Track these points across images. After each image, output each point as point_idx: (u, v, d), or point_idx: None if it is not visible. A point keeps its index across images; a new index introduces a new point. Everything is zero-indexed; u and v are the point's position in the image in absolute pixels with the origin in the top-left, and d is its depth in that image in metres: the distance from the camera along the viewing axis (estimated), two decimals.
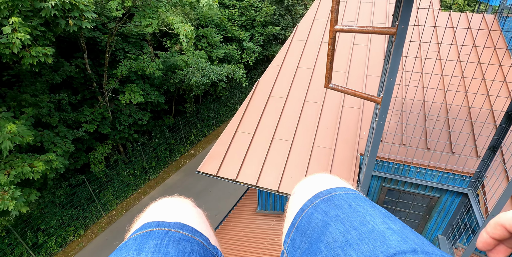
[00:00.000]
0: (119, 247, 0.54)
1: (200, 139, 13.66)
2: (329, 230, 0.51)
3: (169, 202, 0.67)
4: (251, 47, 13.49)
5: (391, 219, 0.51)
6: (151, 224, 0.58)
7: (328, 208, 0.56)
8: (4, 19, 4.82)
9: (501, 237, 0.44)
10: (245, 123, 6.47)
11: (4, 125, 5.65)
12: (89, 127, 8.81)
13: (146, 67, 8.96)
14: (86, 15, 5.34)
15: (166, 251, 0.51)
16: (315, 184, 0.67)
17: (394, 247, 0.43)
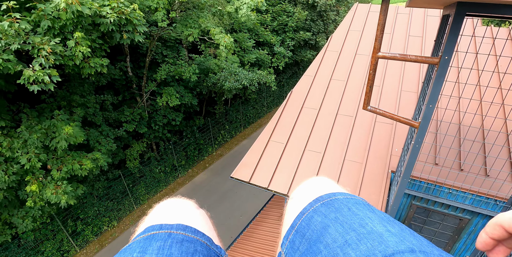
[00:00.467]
0: (123, 250, 0.55)
1: (227, 140, 14.09)
2: (328, 232, 0.52)
3: (171, 204, 0.68)
4: (282, 52, 13.71)
5: (389, 222, 0.52)
6: (154, 227, 0.59)
7: (328, 211, 0.58)
8: (69, 33, 5.36)
9: (500, 237, 0.44)
10: (278, 132, 6.72)
11: (61, 126, 6.26)
12: (129, 127, 9.42)
13: (183, 72, 9.43)
14: (139, 29, 5.79)
15: (169, 253, 0.52)
16: (315, 188, 0.68)
17: (392, 247, 0.44)
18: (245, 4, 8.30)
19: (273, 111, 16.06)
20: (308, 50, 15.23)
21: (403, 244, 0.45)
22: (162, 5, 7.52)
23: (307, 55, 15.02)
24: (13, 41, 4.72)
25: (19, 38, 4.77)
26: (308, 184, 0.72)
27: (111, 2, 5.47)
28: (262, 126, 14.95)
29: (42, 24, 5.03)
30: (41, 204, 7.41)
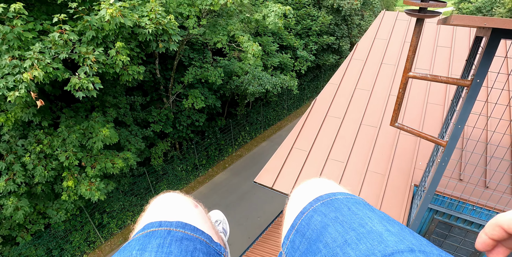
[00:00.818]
0: (123, 247, 0.55)
1: (247, 141, 14.36)
2: (328, 231, 0.52)
3: (170, 200, 0.68)
4: (305, 56, 13.80)
5: (389, 222, 0.52)
6: (153, 224, 0.58)
7: (328, 210, 0.58)
8: (110, 42, 5.73)
9: (499, 238, 0.44)
10: (301, 140, 6.88)
11: (98, 128, 6.68)
12: (156, 127, 9.84)
13: (209, 76, 9.74)
14: (173, 38, 6.09)
15: (169, 251, 0.51)
16: (315, 188, 0.68)
17: (391, 246, 0.44)
18: (272, 12, 8.48)
19: (293, 113, 16.20)
20: (330, 54, 15.24)
21: (402, 243, 0.45)
22: (194, 12, 7.83)
23: (329, 59, 15.04)
24: (62, 51, 5.12)
25: (67, 47, 5.16)
26: (308, 184, 0.72)
27: (149, 14, 5.80)
28: (281, 128, 15.13)
29: (87, 34, 5.41)
30: (74, 198, 7.93)
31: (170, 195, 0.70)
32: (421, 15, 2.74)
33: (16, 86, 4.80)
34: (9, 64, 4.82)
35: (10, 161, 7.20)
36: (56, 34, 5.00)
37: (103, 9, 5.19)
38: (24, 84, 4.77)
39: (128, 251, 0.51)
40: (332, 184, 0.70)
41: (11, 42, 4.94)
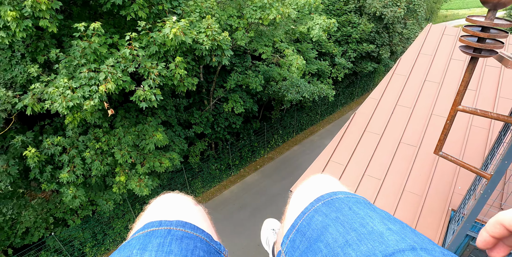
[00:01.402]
0: (122, 246, 0.55)
1: (279, 144, 14.72)
2: (329, 231, 0.52)
3: (170, 200, 0.68)
4: (343, 63, 13.83)
5: (390, 220, 0.52)
6: (154, 224, 0.59)
7: (329, 210, 0.57)
8: (170, 56, 6.28)
9: (500, 235, 0.44)
10: (339, 153, 7.10)
11: (151, 131, 7.33)
12: (198, 129, 10.46)
13: (250, 82, 10.16)
14: (226, 53, 6.54)
15: (169, 250, 0.52)
16: (316, 187, 0.68)
17: (392, 246, 0.44)
18: (317, 25, 8.69)
19: (326, 119, 16.30)
20: (369, 62, 15.10)
21: (404, 242, 0.45)
22: (242, 24, 8.24)
23: (367, 67, 14.92)
24: (130, 65, 5.72)
25: (134, 62, 5.77)
26: (310, 183, 0.72)
27: (206, 30, 6.27)
28: (313, 133, 15.31)
29: (151, 49, 5.99)
30: (123, 191, 8.74)
31: (170, 195, 0.70)
32: (477, 54, 2.81)
33: (91, 95, 5.47)
34: (86, 76, 5.49)
35: (73, 155, 8.08)
36: (127, 50, 5.61)
37: (167, 27, 5.72)
38: (98, 94, 5.42)
39: (128, 250, 0.52)
40: (333, 182, 0.69)
41: (89, 56, 5.62)
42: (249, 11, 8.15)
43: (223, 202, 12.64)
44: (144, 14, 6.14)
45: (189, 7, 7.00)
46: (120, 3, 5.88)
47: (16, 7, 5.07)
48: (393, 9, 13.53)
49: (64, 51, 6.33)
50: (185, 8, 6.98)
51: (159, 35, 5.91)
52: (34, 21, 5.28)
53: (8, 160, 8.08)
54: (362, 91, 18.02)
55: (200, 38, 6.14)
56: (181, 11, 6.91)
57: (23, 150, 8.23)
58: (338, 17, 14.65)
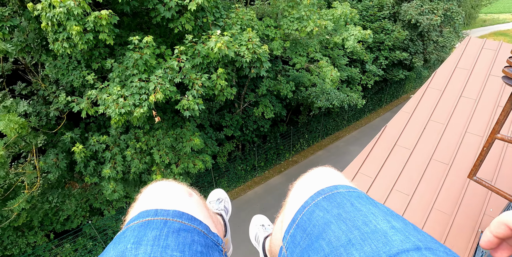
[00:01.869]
0: (117, 238, 0.53)
1: (304, 148, 14.92)
2: (331, 228, 0.51)
3: (165, 188, 0.66)
4: (373, 70, 13.77)
5: (393, 217, 0.51)
6: (149, 213, 0.57)
7: (330, 206, 0.56)
8: (212, 68, 6.67)
9: (504, 236, 0.44)
10: (368, 165, 7.25)
11: (188, 135, 7.80)
12: (228, 132, 10.88)
13: (282, 89, 10.42)
14: (264, 65, 6.85)
15: (165, 244, 0.50)
16: (317, 180, 0.66)
17: (396, 246, 0.43)
18: (352, 36, 8.80)
19: (353, 125, 16.28)
20: (400, 70, 14.90)
21: (408, 241, 0.44)
22: (279, 35, 8.50)
23: (399, 75, 14.73)
24: (176, 76, 6.16)
25: (180, 73, 6.20)
26: (310, 176, 0.70)
27: (248, 44, 6.60)
28: (339, 139, 15.37)
29: (195, 60, 6.40)
30: None
31: (165, 183, 0.68)
32: None
33: (141, 103, 5.96)
34: (137, 85, 5.98)
35: (115, 152, 8.72)
36: (175, 63, 6.05)
37: (213, 41, 6.10)
38: (147, 103, 5.90)
39: (123, 244, 0.50)
40: (334, 175, 0.68)
41: (140, 67, 6.10)
42: (286, 22, 8.39)
43: (247, 201, 13.05)
44: (190, 26, 6.55)
45: (230, 19, 7.34)
46: (169, 17, 6.32)
47: (80, 22, 5.61)
48: (429, 16, 13.26)
49: (116, 59, 6.88)
50: (227, 21, 7.34)
51: (203, 48, 6.30)
52: (95, 34, 5.82)
53: (58, 154, 8.85)
54: (391, 98, 17.79)
55: (242, 51, 6.48)
56: (223, 23, 7.28)
57: (71, 146, 8.98)
58: (371, 23, 14.54)
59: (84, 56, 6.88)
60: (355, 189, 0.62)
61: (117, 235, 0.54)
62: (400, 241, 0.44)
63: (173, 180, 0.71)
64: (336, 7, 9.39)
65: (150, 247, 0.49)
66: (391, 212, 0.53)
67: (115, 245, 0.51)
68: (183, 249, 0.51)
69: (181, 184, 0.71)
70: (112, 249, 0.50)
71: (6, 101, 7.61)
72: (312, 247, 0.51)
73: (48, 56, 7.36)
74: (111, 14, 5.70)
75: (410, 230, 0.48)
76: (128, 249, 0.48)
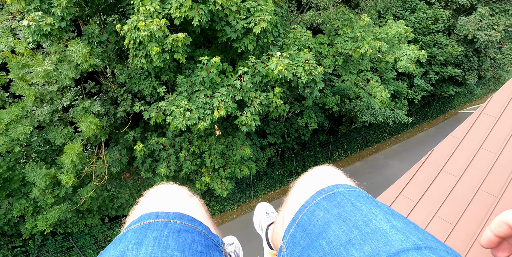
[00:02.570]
0: (118, 239, 0.54)
1: (342, 158, 15.07)
2: (331, 228, 0.51)
3: (166, 191, 0.67)
4: (421, 85, 13.50)
5: (393, 216, 0.51)
6: (150, 215, 0.58)
7: (331, 205, 0.56)
8: (270, 86, 7.17)
9: (505, 234, 0.45)
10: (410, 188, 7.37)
11: (239, 144, 8.42)
12: (272, 139, 11.41)
13: (327, 102, 10.71)
14: (318, 85, 7.23)
15: (166, 244, 0.51)
16: (317, 179, 0.66)
17: (396, 246, 0.43)
18: (405, 55, 8.86)
19: (394, 138, 16.07)
20: (451, 86, 14.39)
21: (408, 240, 0.44)
22: (332, 53, 8.80)
23: (449, 91, 14.26)
24: (238, 93, 6.75)
25: (241, 91, 6.77)
26: (311, 175, 0.71)
27: (305, 65, 7.01)
28: (378, 151, 15.29)
29: (255, 79, 6.94)
30: (204, 188, 10.11)
31: (165, 186, 0.69)
32: None
33: (204, 117, 6.63)
34: (203, 101, 6.65)
35: (170, 153, 9.60)
36: (238, 82, 6.63)
37: (274, 63, 6.59)
38: (210, 117, 6.56)
39: (124, 244, 0.51)
40: (335, 174, 0.68)
41: (206, 84, 6.77)
42: (340, 41, 8.66)
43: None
44: (252, 46, 7.09)
45: (288, 39, 7.78)
46: (234, 38, 6.91)
47: (160, 43, 6.37)
48: (488, 32, 12.71)
49: (182, 72, 7.62)
50: (285, 40, 7.79)
51: (264, 68, 6.82)
52: (170, 54, 6.56)
53: (120, 150, 9.91)
54: (438, 113, 17.22)
55: (298, 72, 6.91)
56: (281, 42, 7.74)
57: (132, 143, 10.01)
58: (423, 37, 14.19)
59: (155, 68, 7.69)
60: (356, 189, 0.62)
61: (117, 237, 0.55)
62: (400, 240, 0.45)
63: (173, 183, 0.72)
64: (390, 26, 9.45)
65: (151, 248, 0.50)
66: (392, 211, 0.53)
67: (116, 245, 0.52)
68: (183, 249, 0.52)
69: (181, 187, 0.72)
70: (112, 249, 0.51)
71: (85, 102, 8.71)
72: (312, 246, 0.52)
73: (123, 65, 8.30)
74: (186, 36, 6.39)
75: (411, 229, 0.48)
76: (129, 249, 0.49)
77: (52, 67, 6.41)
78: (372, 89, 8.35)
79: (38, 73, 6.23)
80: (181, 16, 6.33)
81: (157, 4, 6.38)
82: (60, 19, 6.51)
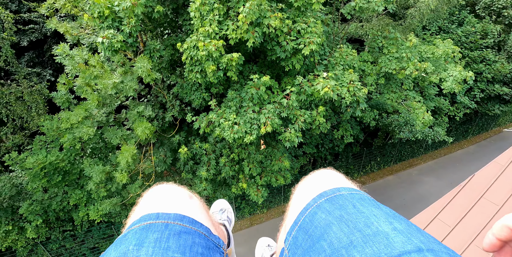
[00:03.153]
0: (118, 240, 0.54)
1: (374, 170, 15.04)
2: (332, 230, 0.52)
3: (166, 191, 0.67)
4: (465, 102, 13.14)
5: (395, 218, 0.51)
6: (151, 216, 0.58)
7: (332, 208, 0.57)
8: (314, 104, 7.51)
9: (507, 238, 0.44)
10: (447, 212, 7.39)
11: (279, 155, 8.85)
12: (307, 149, 11.74)
13: (366, 117, 10.83)
14: (361, 106, 7.46)
15: (167, 246, 0.51)
16: (320, 182, 0.67)
17: (398, 248, 0.44)
18: (451, 76, 8.81)
19: (430, 154, 15.75)
20: (497, 104, 13.84)
21: (410, 242, 0.45)
22: (375, 71, 8.95)
23: (494, 110, 13.73)
24: (283, 110, 7.16)
25: (287, 109, 7.18)
26: (313, 178, 0.72)
27: (349, 86, 7.28)
28: (413, 166, 15.08)
29: (300, 97, 7.31)
30: (238, 192, 10.67)
31: (165, 186, 0.70)
32: None
33: (251, 131, 7.12)
34: (250, 116, 7.14)
35: (211, 158, 10.24)
36: (284, 100, 7.05)
37: (320, 83, 6.92)
38: (256, 132, 7.03)
39: (125, 245, 0.51)
40: (336, 178, 0.69)
41: (254, 100, 7.24)
42: (385, 60, 8.79)
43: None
44: (299, 66, 7.47)
45: (334, 58, 8.06)
46: (283, 57, 7.32)
47: (215, 62, 6.92)
48: None
49: (231, 86, 8.16)
50: (330, 59, 8.08)
51: (309, 88, 7.18)
52: (224, 71, 7.10)
53: (166, 152, 10.71)
54: (480, 130, 16.57)
55: (343, 93, 7.19)
56: (327, 62, 8.04)
57: (176, 146, 10.77)
58: (470, 52, 13.75)
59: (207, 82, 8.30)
60: (358, 191, 0.62)
61: (118, 238, 0.55)
62: (401, 242, 0.45)
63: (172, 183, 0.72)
64: (437, 45, 9.41)
65: (152, 249, 0.50)
66: (394, 213, 0.53)
67: (117, 246, 0.52)
68: (184, 251, 0.52)
69: (181, 187, 0.72)
70: (113, 251, 0.51)
71: (139, 107, 9.54)
72: (314, 248, 0.52)
73: (177, 77, 9.00)
74: (240, 56, 6.90)
75: (413, 232, 0.48)
76: (130, 250, 0.49)
77: (119, 79, 7.18)
78: (414, 110, 8.40)
79: (108, 85, 7.02)
80: (237, 37, 6.84)
81: (216, 25, 6.94)
82: (127, 36, 7.27)
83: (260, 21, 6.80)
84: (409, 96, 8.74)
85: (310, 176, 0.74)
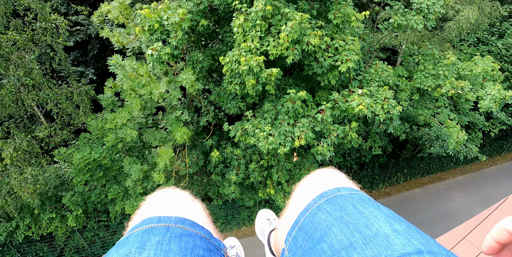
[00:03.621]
0: (120, 243, 0.55)
1: (400, 182, 14.92)
2: (333, 231, 0.52)
3: (168, 195, 0.68)
4: (501, 118, 12.75)
5: (396, 220, 0.51)
6: (152, 220, 0.59)
7: (332, 208, 0.57)
8: (347, 120, 7.71)
9: (506, 241, 0.44)
10: (477, 234, 7.37)
11: (308, 165, 9.13)
12: (334, 159, 11.90)
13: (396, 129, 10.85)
14: (394, 123, 7.58)
15: (168, 248, 0.52)
16: (320, 182, 0.67)
17: (398, 250, 0.44)
18: (489, 95, 8.69)
19: (460, 168, 15.37)
20: None
21: (410, 244, 0.45)
22: (409, 87, 8.99)
23: None
24: (317, 125, 7.44)
25: (321, 123, 7.45)
26: (313, 178, 0.72)
27: (384, 103, 7.43)
28: (441, 180, 14.81)
29: (334, 112, 7.55)
30: (265, 197, 11.05)
31: (168, 190, 0.71)
32: None
33: (285, 143, 7.45)
34: (285, 129, 7.48)
35: (241, 162, 10.69)
36: (319, 115, 7.32)
37: (355, 100, 7.13)
38: (290, 144, 7.35)
39: (126, 248, 0.52)
40: (337, 177, 0.69)
41: (290, 114, 7.56)
42: (420, 77, 8.81)
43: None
44: (334, 81, 7.70)
45: (369, 74, 8.21)
46: (319, 73, 7.57)
47: (255, 76, 7.30)
48: None
49: (266, 97, 8.51)
50: (365, 75, 8.24)
51: (344, 104, 7.40)
52: (263, 85, 7.47)
53: (198, 155, 11.28)
54: None
55: (377, 110, 7.35)
56: (361, 77, 8.21)
57: (208, 149, 11.30)
58: (510, 65, 13.29)
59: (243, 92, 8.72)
60: (358, 192, 0.62)
61: (119, 241, 0.56)
62: (402, 244, 0.45)
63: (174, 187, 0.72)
64: (476, 62, 9.28)
65: (153, 251, 0.51)
66: (394, 215, 0.53)
67: (118, 249, 0.53)
68: (185, 253, 0.53)
69: (183, 191, 0.72)
70: (115, 253, 0.52)
71: (177, 112, 10.13)
72: (314, 250, 0.52)
73: (214, 85, 9.48)
74: (279, 71, 7.24)
75: (413, 233, 0.48)
76: (132, 253, 0.50)
77: (164, 89, 7.74)
78: (448, 128, 8.37)
79: (155, 94, 7.60)
80: (277, 53, 7.18)
81: (257, 41, 7.31)
82: (174, 48, 7.80)
83: (300, 39, 7.10)
84: (443, 113, 8.71)
85: (311, 175, 0.75)
